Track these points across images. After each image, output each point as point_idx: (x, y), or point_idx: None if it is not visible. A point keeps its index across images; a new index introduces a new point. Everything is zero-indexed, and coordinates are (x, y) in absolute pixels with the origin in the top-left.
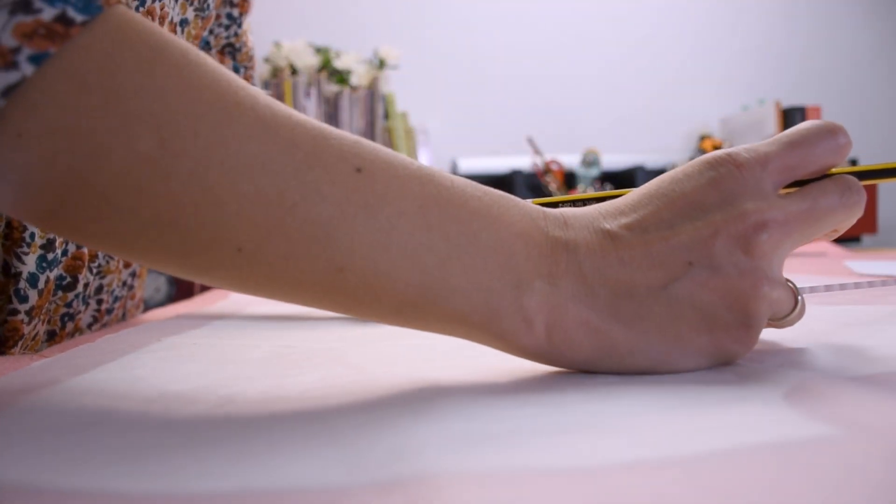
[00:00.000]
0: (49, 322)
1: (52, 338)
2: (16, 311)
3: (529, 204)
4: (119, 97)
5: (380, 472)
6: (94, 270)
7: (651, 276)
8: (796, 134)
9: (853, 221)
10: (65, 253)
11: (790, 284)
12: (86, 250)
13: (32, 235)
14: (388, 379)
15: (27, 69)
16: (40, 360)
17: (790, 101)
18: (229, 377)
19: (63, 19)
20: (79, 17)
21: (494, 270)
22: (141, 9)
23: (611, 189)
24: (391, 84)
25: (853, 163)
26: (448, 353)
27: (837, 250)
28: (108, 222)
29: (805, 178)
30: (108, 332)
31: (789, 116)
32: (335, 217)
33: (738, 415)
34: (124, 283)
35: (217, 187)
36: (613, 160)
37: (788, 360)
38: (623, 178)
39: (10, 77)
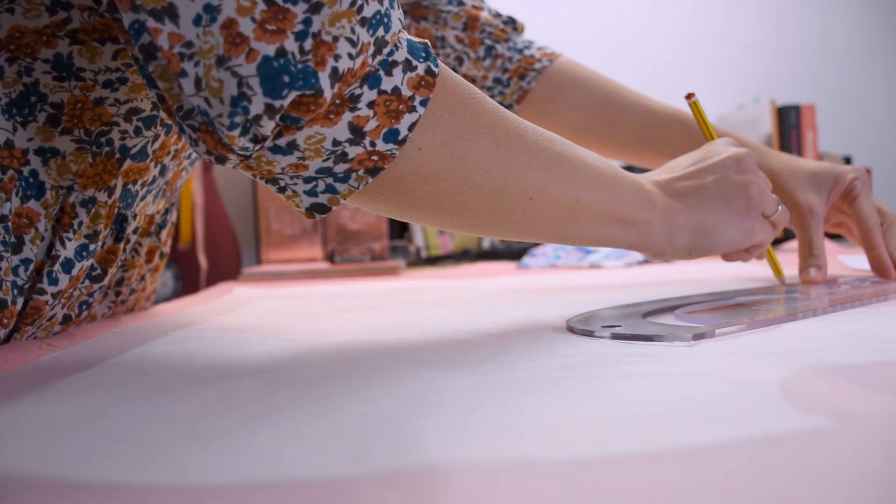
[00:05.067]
0: (68, 308)
1: (67, 321)
2: (42, 291)
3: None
4: (466, 116)
5: (382, 464)
6: (119, 264)
7: (694, 185)
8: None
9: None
10: (103, 245)
11: (774, 196)
12: (122, 245)
13: (80, 224)
14: (391, 371)
15: (421, 110)
16: (49, 353)
17: (785, 99)
18: (234, 370)
19: (429, 72)
20: (435, 69)
21: (635, 194)
22: None
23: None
24: None
25: (847, 161)
26: (449, 348)
27: (832, 245)
28: (462, 196)
29: None
30: (116, 324)
31: (784, 115)
32: (571, 172)
33: (734, 407)
34: (142, 277)
35: (521, 163)
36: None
37: (784, 353)
38: None
39: (412, 118)
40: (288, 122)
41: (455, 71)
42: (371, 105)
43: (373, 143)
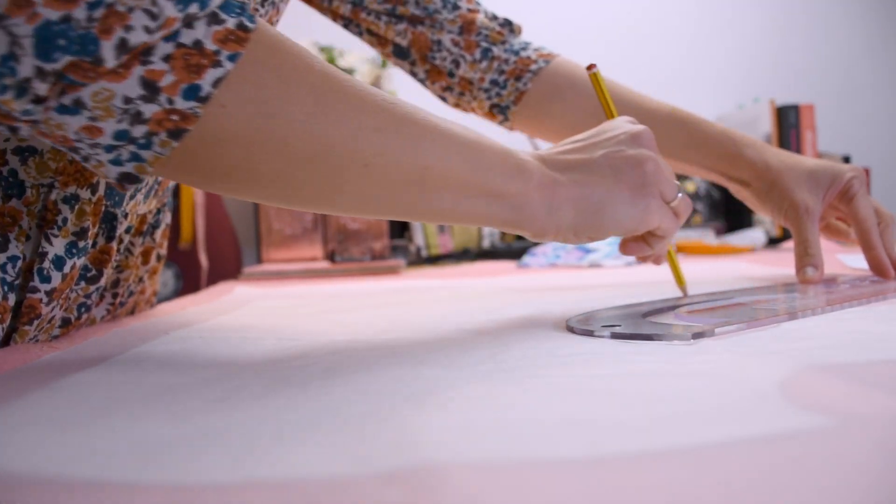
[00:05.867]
0: (66, 310)
1: (66, 325)
2: (35, 290)
3: None
4: (284, 73)
5: (383, 463)
6: (114, 265)
7: (582, 157)
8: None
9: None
10: (94, 245)
11: (675, 181)
12: (114, 245)
13: (65, 220)
14: (391, 370)
15: (228, 65)
16: (50, 353)
17: (784, 99)
18: (235, 369)
19: (241, 26)
20: (250, 24)
21: (505, 157)
22: None
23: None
24: (394, 83)
25: (846, 160)
26: (449, 347)
27: (830, 245)
28: (280, 163)
29: None
30: (117, 325)
31: (783, 114)
32: (419, 136)
33: (734, 406)
34: (140, 279)
35: (352, 125)
36: None
37: (783, 352)
38: None
39: (217, 73)
40: (67, 81)
41: (452, 74)
42: (167, 59)
43: (171, 101)
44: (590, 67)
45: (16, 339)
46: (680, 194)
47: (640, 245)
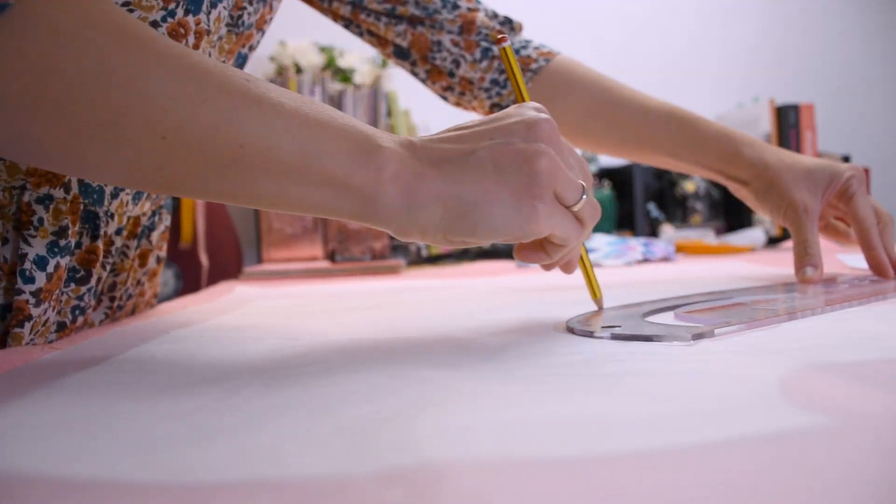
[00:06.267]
0: (59, 313)
1: (62, 329)
2: (20, 291)
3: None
4: (61, 29)
5: (383, 462)
6: (108, 267)
7: (462, 149)
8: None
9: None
10: (78, 245)
11: (579, 182)
12: (100, 244)
13: (41, 220)
14: (391, 370)
15: None
16: (51, 353)
17: (784, 98)
18: (235, 369)
19: None
20: None
21: (351, 139)
22: (171, 19)
23: (608, 185)
24: (394, 82)
25: (846, 159)
26: (449, 347)
27: (829, 244)
28: (56, 128)
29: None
30: (117, 324)
31: (783, 114)
32: (235, 108)
33: (734, 406)
34: (138, 282)
35: (145, 90)
36: (611, 158)
37: (783, 352)
38: (620, 176)
39: None
40: None
41: (452, 74)
42: None
43: None
44: (499, 41)
45: (9, 343)
46: (584, 197)
47: (535, 253)
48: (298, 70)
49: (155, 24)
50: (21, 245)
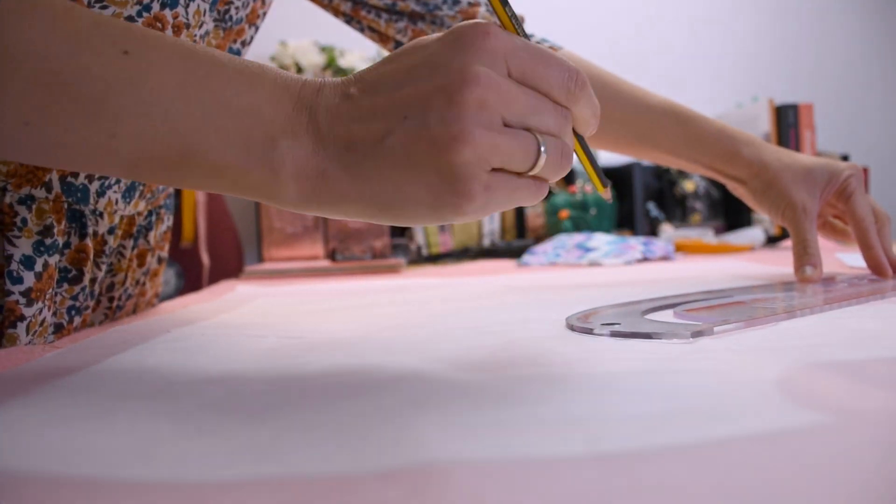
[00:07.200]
0: (56, 314)
1: (59, 330)
2: (10, 293)
3: (291, 74)
4: None
5: (383, 461)
6: (105, 267)
7: (372, 130)
8: (550, 54)
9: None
10: (67, 245)
11: (532, 135)
12: (89, 242)
13: (25, 221)
14: (392, 369)
15: None
16: (51, 352)
17: (783, 98)
18: (236, 368)
19: None
20: None
21: (244, 131)
22: (146, 14)
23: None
24: None
25: (845, 159)
26: (449, 346)
27: (829, 243)
28: None
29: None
30: (118, 323)
31: (782, 114)
32: (104, 92)
33: (733, 404)
34: (137, 282)
35: (2, 72)
36: (611, 156)
37: (782, 350)
38: (620, 175)
39: None
40: None
41: None
42: None
43: None
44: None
45: (3, 344)
46: (543, 148)
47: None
48: (299, 70)
49: (130, 20)
50: (6, 247)
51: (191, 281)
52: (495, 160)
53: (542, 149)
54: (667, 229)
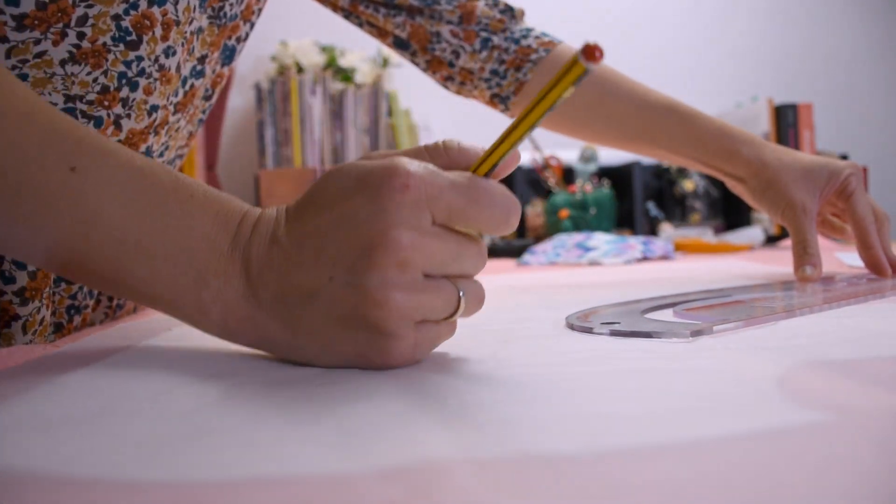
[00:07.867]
0: (55, 314)
1: (59, 330)
2: (3, 293)
3: (234, 204)
4: None
5: (383, 460)
6: None
7: (302, 285)
8: (483, 191)
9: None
10: None
11: (452, 284)
12: None
13: None
14: (391, 369)
15: None
16: (51, 351)
17: (783, 98)
18: (236, 367)
19: None
20: None
21: (177, 267)
22: (133, 12)
23: (608, 184)
24: (394, 82)
25: (844, 158)
26: (449, 345)
27: (828, 243)
28: None
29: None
30: (118, 322)
31: (782, 113)
32: (44, 210)
33: (732, 403)
34: None
35: None
36: (611, 156)
37: (781, 349)
38: (619, 175)
39: None
40: None
41: (452, 64)
42: None
43: None
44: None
45: (0, 343)
46: (462, 295)
47: None
48: (300, 69)
49: (117, 18)
50: None
51: None
52: (417, 316)
53: (461, 296)
54: (666, 229)
